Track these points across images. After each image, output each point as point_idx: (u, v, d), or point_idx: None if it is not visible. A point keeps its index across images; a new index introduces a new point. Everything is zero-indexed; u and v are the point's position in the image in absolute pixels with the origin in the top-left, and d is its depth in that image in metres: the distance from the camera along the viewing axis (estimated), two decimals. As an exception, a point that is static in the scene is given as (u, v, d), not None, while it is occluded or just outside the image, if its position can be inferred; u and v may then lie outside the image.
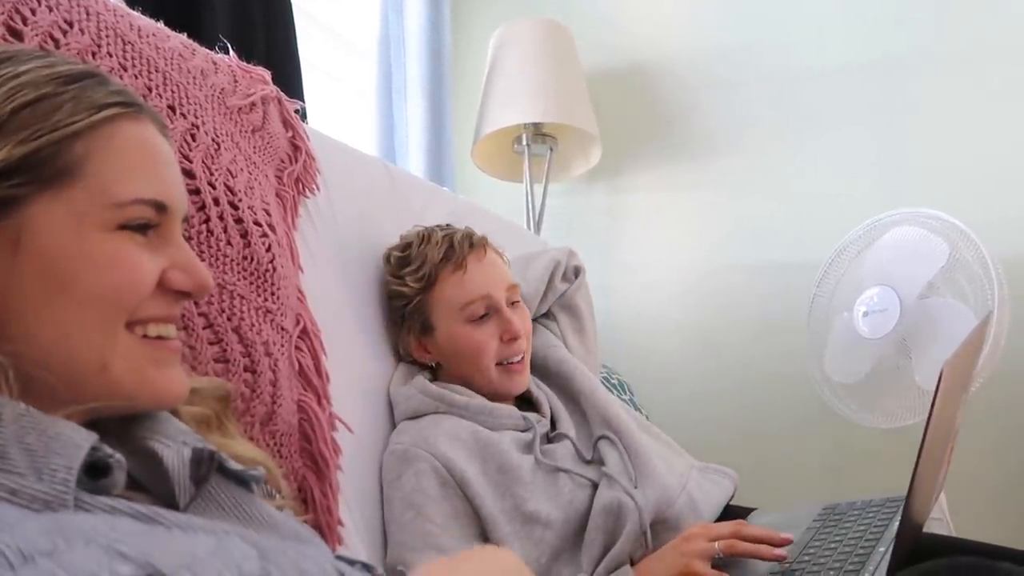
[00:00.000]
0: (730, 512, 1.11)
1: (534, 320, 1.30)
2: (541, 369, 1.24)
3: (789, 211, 1.92)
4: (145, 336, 0.53)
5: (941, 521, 1.37)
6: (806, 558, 0.86)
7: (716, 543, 0.91)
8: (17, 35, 0.68)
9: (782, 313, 1.86)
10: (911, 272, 1.47)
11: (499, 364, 1.12)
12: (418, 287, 1.12)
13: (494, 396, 1.12)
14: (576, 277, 1.35)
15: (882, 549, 0.80)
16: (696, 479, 1.11)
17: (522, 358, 1.13)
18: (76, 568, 0.33)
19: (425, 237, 1.15)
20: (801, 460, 1.85)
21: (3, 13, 0.67)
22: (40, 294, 0.49)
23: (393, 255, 1.17)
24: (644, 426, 1.19)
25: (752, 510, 1.13)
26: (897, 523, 0.83)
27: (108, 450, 0.46)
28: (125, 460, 0.47)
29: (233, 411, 0.66)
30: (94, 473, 0.45)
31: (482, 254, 1.13)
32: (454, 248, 1.12)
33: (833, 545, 0.86)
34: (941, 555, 0.77)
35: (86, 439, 0.45)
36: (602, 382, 1.36)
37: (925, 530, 0.98)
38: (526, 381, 1.15)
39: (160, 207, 0.53)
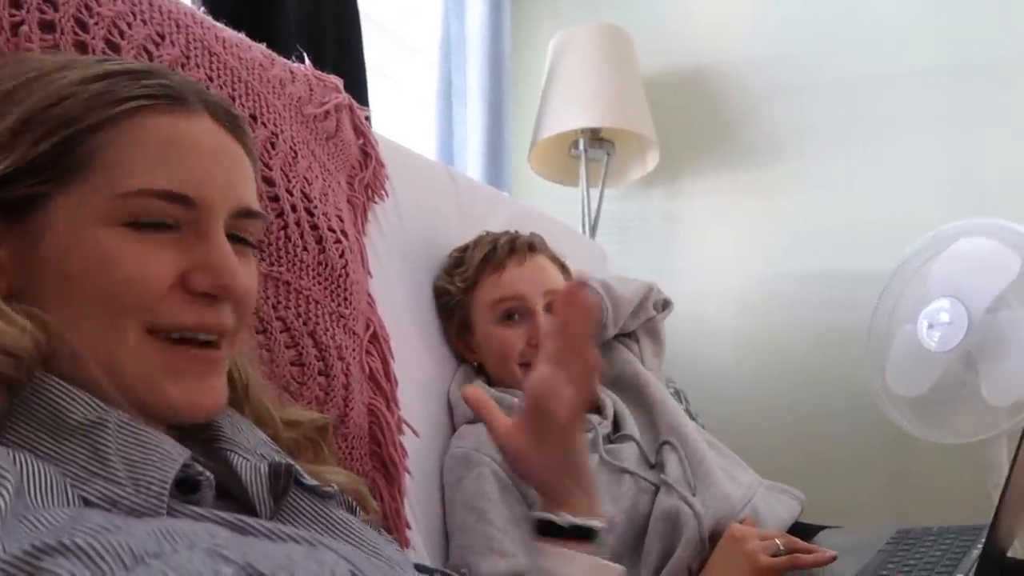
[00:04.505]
0: (798, 530, 1.10)
1: (618, 337, 1.33)
2: (616, 380, 1.26)
3: (851, 219, 1.89)
4: (168, 340, 0.49)
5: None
6: (878, 581, 0.85)
7: (775, 539, 0.91)
8: (115, 49, 0.71)
9: (842, 323, 1.82)
10: (980, 284, 1.44)
11: (526, 367, 1.13)
12: (462, 287, 1.16)
13: None
14: (663, 309, 1.38)
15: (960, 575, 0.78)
16: (763, 495, 1.11)
17: None
18: (183, 569, 0.34)
19: (478, 241, 1.19)
20: (861, 475, 1.81)
21: (103, 28, 0.70)
22: (54, 292, 0.48)
23: (453, 255, 1.21)
24: (711, 442, 1.19)
25: (820, 529, 1.12)
26: (976, 551, 0.82)
27: (199, 467, 0.47)
28: (212, 474, 0.48)
29: (329, 439, 0.66)
30: (185, 488, 0.46)
31: (523, 258, 1.15)
32: (495, 251, 1.15)
33: (907, 569, 0.85)
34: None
35: (180, 454, 0.46)
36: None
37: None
38: None
39: (180, 200, 0.49)
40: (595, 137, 1.97)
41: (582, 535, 0.67)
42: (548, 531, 0.67)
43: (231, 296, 0.51)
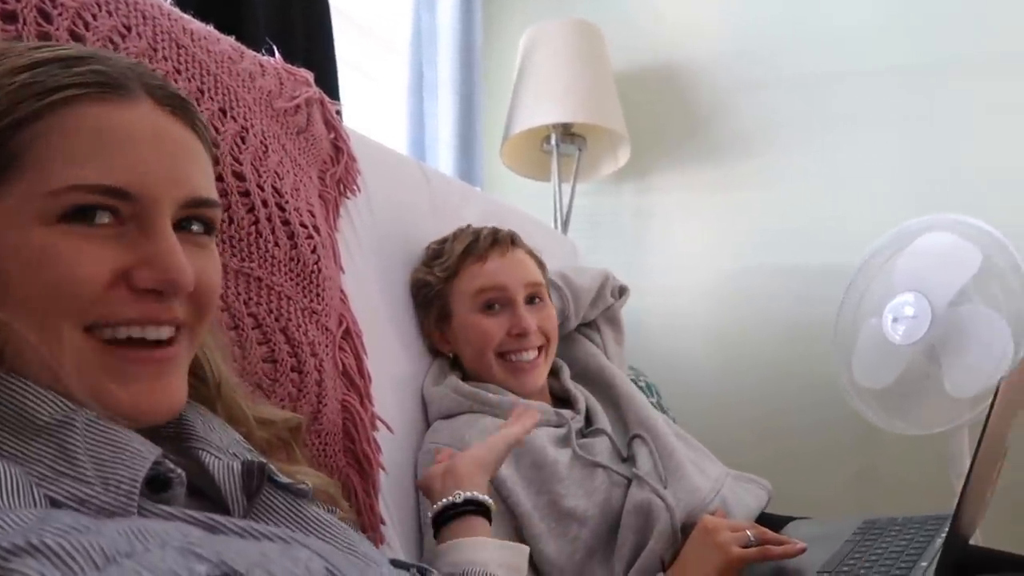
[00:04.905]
0: (766, 521, 1.11)
1: (580, 327, 1.35)
2: (582, 374, 1.27)
3: (818, 214, 1.91)
4: (111, 341, 0.47)
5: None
6: (845, 569, 0.86)
7: (746, 530, 0.92)
8: (80, 40, 0.69)
9: (810, 317, 1.85)
10: (942, 279, 1.47)
11: (503, 357, 1.13)
12: (443, 276, 1.16)
13: (521, 395, 1.13)
14: (620, 296, 1.40)
15: (924, 564, 0.80)
16: (730, 485, 1.13)
17: (534, 359, 1.14)
18: (156, 568, 0.34)
19: (458, 233, 1.20)
20: (829, 468, 1.84)
21: (67, 19, 0.68)
22: None
23: (431, 247, 1.21)
24: (680, 434, 1.21)
25: (789, 520, 1.14)
26: (940, 540, 0.83)
27: (170, 465, 0.46)
28: (183, 471, 0.47)
29: (301, 440, 0.65)
30: (156, 486, 0.45)
31: (506, 249, 1.16)
32: (478, 242, 1.16)
33: (873, 558, 0.86)
34: (989, 570, 0.76)
35: (151, 452, 0.45)
36: (630, 384, 1.39)
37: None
38: (535, 382, 1.14)
39: (115, 193, 0.47)
40: (567, 132, 1.98)
41: (477, 508, 0.75)
42: (446, 520, 0.75)
43: (178, 291, 0.49)
